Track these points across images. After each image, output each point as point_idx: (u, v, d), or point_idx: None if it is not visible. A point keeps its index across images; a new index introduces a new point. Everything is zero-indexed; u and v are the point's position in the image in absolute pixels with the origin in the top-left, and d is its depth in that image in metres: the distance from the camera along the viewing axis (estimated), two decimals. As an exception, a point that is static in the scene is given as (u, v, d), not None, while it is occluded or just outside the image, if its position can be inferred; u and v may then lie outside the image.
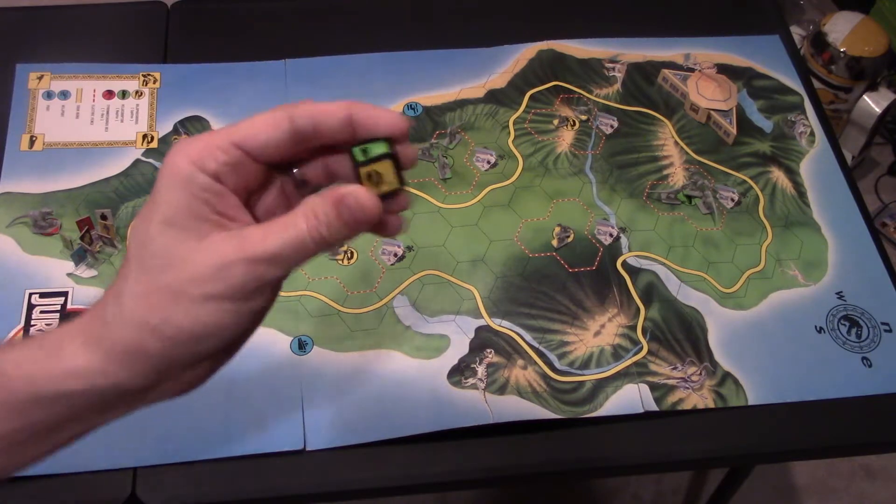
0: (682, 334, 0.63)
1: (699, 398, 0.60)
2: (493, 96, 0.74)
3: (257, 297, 0.32)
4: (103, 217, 0.63)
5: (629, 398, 0.59)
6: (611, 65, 0.78)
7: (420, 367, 0.60)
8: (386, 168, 0.33)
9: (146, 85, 0.72)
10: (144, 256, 0.31)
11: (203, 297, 0.30)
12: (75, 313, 0.60)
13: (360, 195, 0.32)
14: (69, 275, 0.61)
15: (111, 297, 0.32)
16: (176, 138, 0.69)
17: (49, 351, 0.31)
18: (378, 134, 0.33)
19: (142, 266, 0.31)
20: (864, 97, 1.39)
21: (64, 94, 0.70)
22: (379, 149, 0.32)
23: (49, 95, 0.70)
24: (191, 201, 0.31)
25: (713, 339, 0.63)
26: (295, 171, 0.34)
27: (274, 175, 0.34)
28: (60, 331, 0.32)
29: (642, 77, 0.77)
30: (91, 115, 0.70)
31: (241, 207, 0.33)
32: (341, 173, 0.35)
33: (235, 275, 0.30)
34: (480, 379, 0.59)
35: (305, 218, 0.32)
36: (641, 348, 0.62)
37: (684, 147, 0.73)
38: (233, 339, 0.33)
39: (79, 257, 0.62)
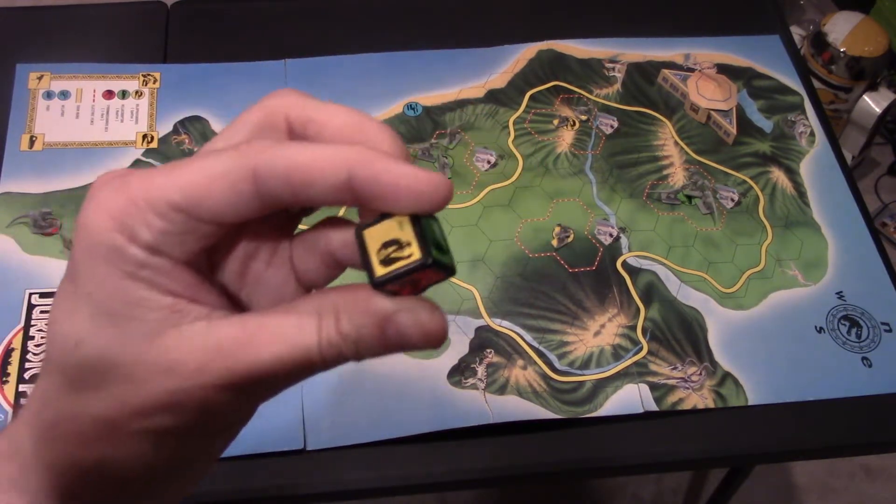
0: (682, 334, 0.63)
1: (699, 398, 0.60)
2: (493, 96, 0.74)
3: (230, 427, 0.25)
4: (103, 217, 0.63)
5: (629, 398, 0.59)
6: (611, 65, 0.78)
7: (420, 367, 0.60)
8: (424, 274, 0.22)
9: (146, 85, 0.72)
10: (70, 366, 0.22)
11: (154, 432, 0.22)
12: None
13: (423, 319, 0.22)
14: (69, 275, 0.61)
15: (27, 424, 0.24)
16: (176, 138, 0.69)
17: None
18: (398, 209, 0.21)
19: (68, 380, 0.22)
20: (864, 97, 1.39)
21: (64, 94, 0.70)
22: (406, 256, 0.22)
23: (49, 95, 0.70)
24: (126, 284, 0.21)
25: (713, 339, 0.63)
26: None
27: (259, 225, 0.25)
28: None
29: (642, 77, 0.77)
30: (91, 115, 0.70)
31: (202, 285, 0.23)
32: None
33: (199, 404, 0.22)
34: (480, 379, 0.59)
35: (319, 326, 0.22)
36: (641, 348, 0.62)
37: (684, 147, 0.73)
38: (199, 471, 0.26)
39: (79, 257, 0.62)
